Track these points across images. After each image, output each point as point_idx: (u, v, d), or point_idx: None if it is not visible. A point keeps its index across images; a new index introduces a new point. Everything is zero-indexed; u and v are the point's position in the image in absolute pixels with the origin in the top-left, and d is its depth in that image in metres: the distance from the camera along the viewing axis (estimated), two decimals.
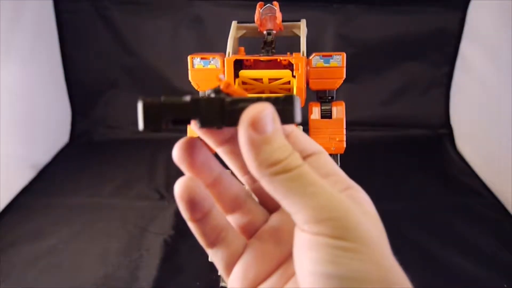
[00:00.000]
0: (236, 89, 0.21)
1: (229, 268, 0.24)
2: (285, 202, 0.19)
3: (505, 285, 0.66)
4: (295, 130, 0.23)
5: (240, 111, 0.19)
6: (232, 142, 0.23)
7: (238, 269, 0.24)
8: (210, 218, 0.23)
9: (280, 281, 0.23)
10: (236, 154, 0.24)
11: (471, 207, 0.88)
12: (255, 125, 0.19)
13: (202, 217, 0.23)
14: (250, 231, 0.25)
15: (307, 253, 0.19)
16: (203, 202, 0.23)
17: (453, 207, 0.88)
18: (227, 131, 0.23)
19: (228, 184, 0.25)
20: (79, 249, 0.77)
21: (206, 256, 0.70)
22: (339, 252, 0.18)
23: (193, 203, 0.22)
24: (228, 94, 0.21)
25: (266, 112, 0.19)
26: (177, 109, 0.20)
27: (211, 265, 0.67)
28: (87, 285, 0.69)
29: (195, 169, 0.23)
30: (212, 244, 0.24)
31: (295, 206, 0.19)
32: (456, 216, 0.85)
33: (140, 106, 0.20)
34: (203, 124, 0.20)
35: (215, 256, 0.25)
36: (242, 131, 0.19)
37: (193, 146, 0.23)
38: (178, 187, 0.22)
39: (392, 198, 0.87)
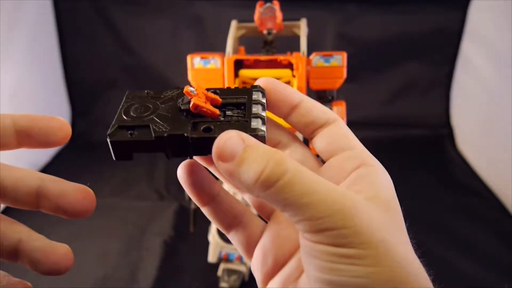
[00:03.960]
0: (206, 108, 0.22)
1: (249, 251, 0.25)
2: (285, 214, 0.19)
3: (507, 286, 0.66)
4: (305, 101, 0.23)
5: (205, 143, 0.20)
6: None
7: (257, 254, 0.24)
8: (220, 201, 0.24)
9: (298, 269, 0.23)
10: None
11: (471, 207, 0.88)
12: (222, 157, 0.19)
13: (210, 200, 0.24)
14: (267, 212, 0.25)
15: (310, 259, 0.19)
16: (207, 184, 0.24)
17: (453, 207, 0.88)
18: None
19: None
20: (79, 249, 0.76)
21: (205, 256, 0.70)
22: (339, 259, 0.18)
23: (196, 187, 0.23)
24: (198, 113, 0.22)
25: (228, 141, 0.19)
26: (144, 146, 0.21)
27: (211, 265, 0.67)
28: (87, 285, 0.69)
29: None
30: (229, 227, 0.25)
31: (293, 217, 0.19)
32: (456, 216, 0.84)
33: (109, 142, 0.21)
34: (171, 157, 0.22)
35: (232, 240, 0.25)
36: (217, 166, 0.20)
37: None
38: (180, 171, 0.23)
39: None
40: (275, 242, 0.24)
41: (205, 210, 0.25)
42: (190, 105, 0.21)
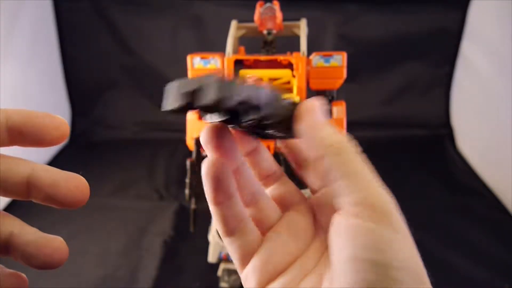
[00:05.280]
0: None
1: (244, 259, 0.24)
2: (340, 183, 0.20)
3: (507, 285, 0.66)
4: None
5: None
6: (253, 154, 0.26)
7: (257, 261, 0.24)
8: (232, 203, 0.24)
9: (299, 275, 0.23)
10: (255, 164, 0.26)
11: (471, 207, 0.88)
12: (312, 113, 0.22)
13: (224, 200, 0.24)
14: (263, 227, 0.25)
15: (351, 238, 0.19)
16: (228, 183, 0.23)
17: (453, 207, 0.88)
18: (251, 143, 0.26)
19: (247, 176, 0.25)
20: (79, 249, 0.76)
21: (205, 256, 0.70)
22: (386, 240, 0.19)
23: (218, 182, 0.23)
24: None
25: (317, 104, 0.22)
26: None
27: (211, 265, 0.67)
28: (87, 285, 0.69)
29: (221, 151, 0.24)
30: (231, 232, 0.24)
31: (348, 187, 0.20)
32: (456, 216, 0.84)
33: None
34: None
35: (231, 246, 0.25)
36: (304, 118, 0.22)
37: (222, 130, 0.24)
38: (205, 164, 0.23)
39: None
40: (276, 251, 0.24)
41: (214, 210, 0.24)
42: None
